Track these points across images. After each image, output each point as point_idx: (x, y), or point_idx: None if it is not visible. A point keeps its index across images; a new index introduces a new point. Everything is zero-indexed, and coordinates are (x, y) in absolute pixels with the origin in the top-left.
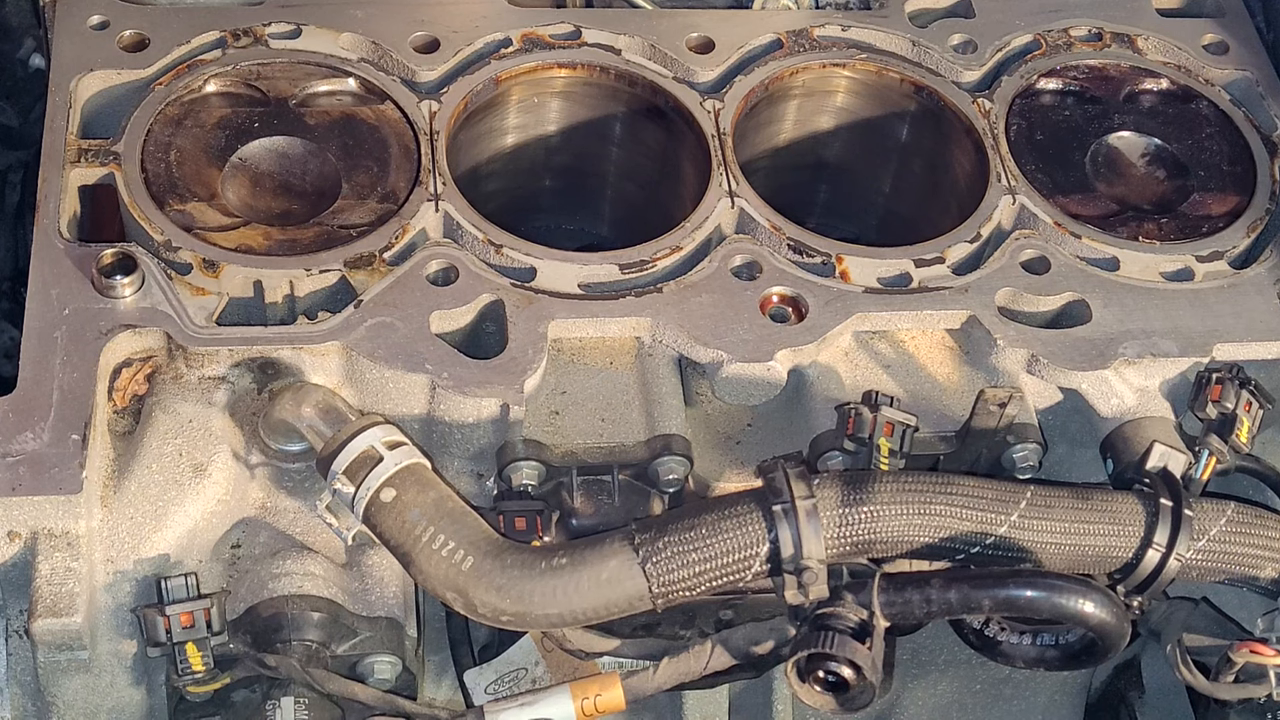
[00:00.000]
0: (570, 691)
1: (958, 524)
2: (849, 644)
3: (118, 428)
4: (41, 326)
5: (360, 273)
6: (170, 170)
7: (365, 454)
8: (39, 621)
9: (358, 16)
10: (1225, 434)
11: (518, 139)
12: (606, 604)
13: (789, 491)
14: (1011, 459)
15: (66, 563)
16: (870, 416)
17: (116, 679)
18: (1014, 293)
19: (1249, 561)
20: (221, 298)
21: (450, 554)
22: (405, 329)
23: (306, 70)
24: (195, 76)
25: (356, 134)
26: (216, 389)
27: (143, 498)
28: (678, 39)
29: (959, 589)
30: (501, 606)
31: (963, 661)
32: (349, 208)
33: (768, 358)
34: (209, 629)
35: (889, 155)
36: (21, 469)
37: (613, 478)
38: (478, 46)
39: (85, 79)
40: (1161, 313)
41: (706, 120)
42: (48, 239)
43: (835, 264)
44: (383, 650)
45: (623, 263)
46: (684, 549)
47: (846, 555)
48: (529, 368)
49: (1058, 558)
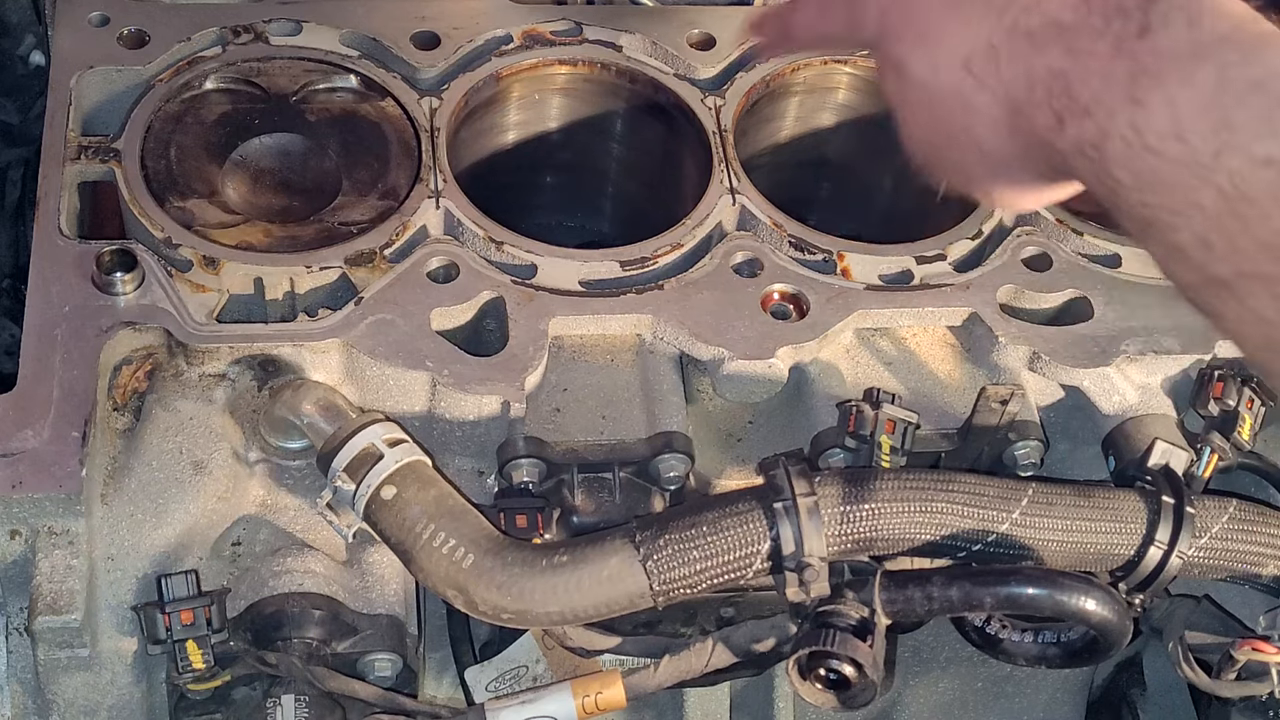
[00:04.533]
0: (571, 689)
1: (959, 521)
2: (850, 641)
3: (118, 425)
4: (41, 324)
5: (361, 270)
6: (170, 167)
7: (366, 451)
8: (39, 619)
9: (358, 13)
10: (1227, 431)
11: (518, 136)
12: (607, 601)
13: (790, 489)
14: (1013, 456)
15: (67, 560)
16: (872, 414)
17: (117, 676)
18: (1015, 290)
19: (1251, 559)
20: (222, 295)
21: (451, 551)
22: (406, 326)
23: (307, 67)
24: (195, 73)
25: (357, 131)
26: (217, 386)
27: (143, 495)
28: (679, 35)
29: (960, 586)
30: (502, 604)
31: (964, 659)
32: (349, 205)
33: (769, 355)
34: (209, 627)
35: (890, 152)
36: (21, 466)
37: (614, 475)
38: (478, 43)
39: (85, 76)
40: (1163, 309)
41: (707, 117)
42: (48, 236)
43: (836, 261)
44: (383, 648)
45: (623, 260)
46: (685, 546)
47: (848, 553)
48: (530, 365)
49: (1059, 555)
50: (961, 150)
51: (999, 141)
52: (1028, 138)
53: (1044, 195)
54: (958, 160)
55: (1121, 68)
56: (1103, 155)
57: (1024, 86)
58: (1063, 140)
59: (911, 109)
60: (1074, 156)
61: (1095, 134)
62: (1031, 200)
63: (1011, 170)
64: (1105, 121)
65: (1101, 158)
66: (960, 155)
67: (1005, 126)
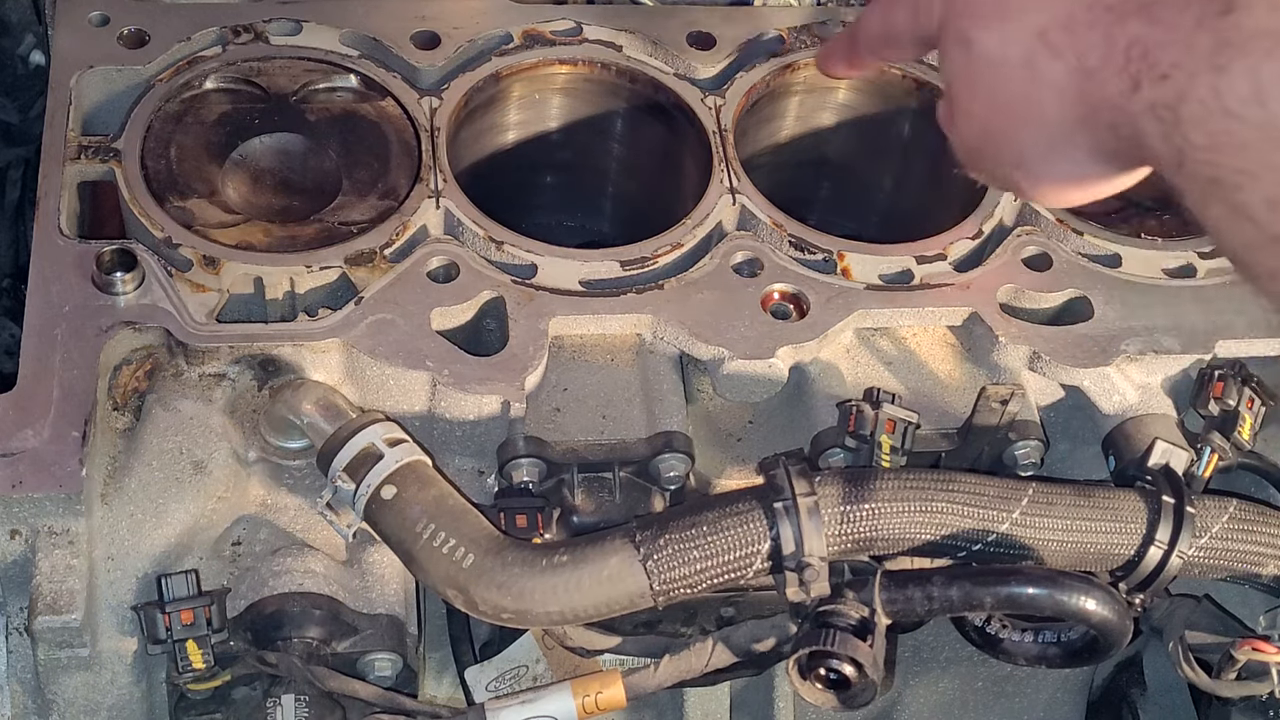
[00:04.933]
0: (571, 689)
1: (959, 521)
2: (850, 641)
3: (118, 425)
4: (42, 323)
5: (361, 269)
6: (170, 167)
7: (366, 451)
8: (39, 619)
9: (358, 13)
10: (1227, 431)
11: (518, 135)
12: (608, 601)
13: (790, 488)
14: (1013, 456)
15: (67, 560)
16: (872, 413)
17: (117, 676)
18: (1016, 289)
19: (1251, 559)
20: (222, 294)
21: (451, 551)
22: (406, 326)
23: (307, 66)
24: (196, 73)
25: (357, 130)
26: (217, 386)
27: (143, 495)
28: (679, 35)
29: (961, 586)
30: (502, 604)
31: (964, 659)
32: (350, 204)
33: (769, 355)
34: (209, 626)
35: (891, 152)
36: (22, 466)
37: (614, 475)
38: (479, 43)
39: (85, 75)
40: (1164, 309)
41: (708, 117)
42: (48, 236)
43: (837, 261)
44: (383, 647)
45: (624, 259)
46: (685, 546)
47: (848, 552)
48: (530, 364)
49: (1060, 555)
50: (1021, 124)
51: (1064, 109)
52: (1096, 103)
53: (1087, 188)
54: (1014, 138)
55: (1205, 39)
56: (1177, 116)
57: (1101, 54)
58: (1135, 102)
59: (973, 86)
60: (1144, 117)
61: (1173, 96)
62: (1075, 194)
63: (1067, 144)
64: (1185, 84)
65: (1175, 118)
66: (1019, 131)
67: (1073, 93)
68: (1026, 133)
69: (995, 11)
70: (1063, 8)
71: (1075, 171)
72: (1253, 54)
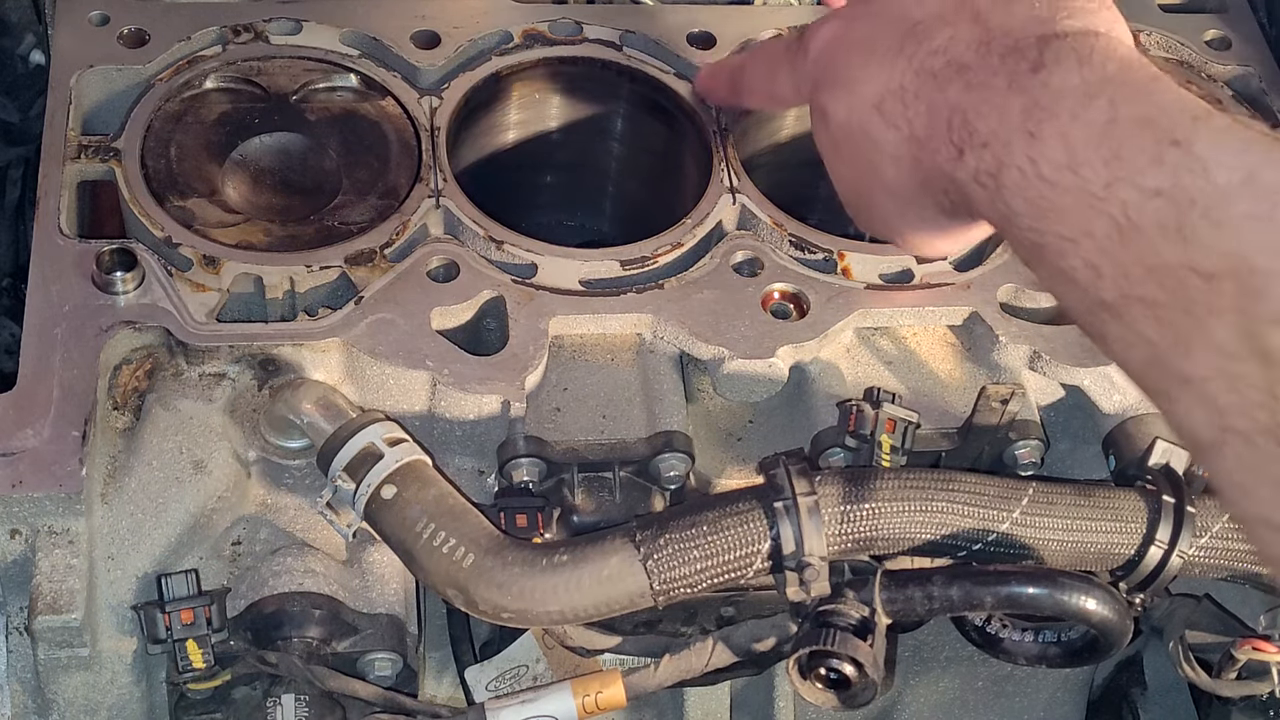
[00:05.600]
0: (571, 688)
1: (960, 521)
2: (851, 641)
3: (118, 424)
4: (41, 323)
5: (361, 269)
6: (170, 166)
7: (366, 450)
8: (39, 618)
9: (359, 12)
10: None
11: (519, 135)
12: (608, 601)
13: (790, 488)
14: (1013, 455)
15: (67, 559)
16: (872, 413)
17: (117, 676)
18: (1016, 289)
19: (1251, 558)
20: (222, 294)
21: (451, 551)
22: (406, 325)
23: (307, 66)
24: (196, 72)
25: (357, 130)
26: (217, 385)
27: (143, 494)
28: (679, 35)
29: (961, 586)
30: (502, 603)
31: (964, 659)
32: (350, 204)
33: (769, 354)
34: (210, 626)
35: None
36: (21, 466)
37: (614, 474)
38: (479, 42)
39: (85, 75)
40: None
41: (708, 116)
42: (48, 235)
43: (837, 260)
44: (383, 647)
45: (624, 259)
46: (685, 546)
47: (848, 552)
48: (530, 364)
49: (1060, 554)
50: (874, 187)
51: (903, 177)
52: (929, 171)
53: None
54: (871, 200)
55: (1016, 102)
56: (999, 184)
57: (926, 122)
58: (962, 170)
59: (834, 153)
60: (971, 185)
61: (992, 164)
62: (941, 244)
63: (914, 206)
64: (1002, 152)
65: (998, 186)
66: (873, 193)
67: (908, 161)
68: (879, 195)
69: (842, 83)
70: (895, 78)
71: (933, 227)
72: (1062, 116)
